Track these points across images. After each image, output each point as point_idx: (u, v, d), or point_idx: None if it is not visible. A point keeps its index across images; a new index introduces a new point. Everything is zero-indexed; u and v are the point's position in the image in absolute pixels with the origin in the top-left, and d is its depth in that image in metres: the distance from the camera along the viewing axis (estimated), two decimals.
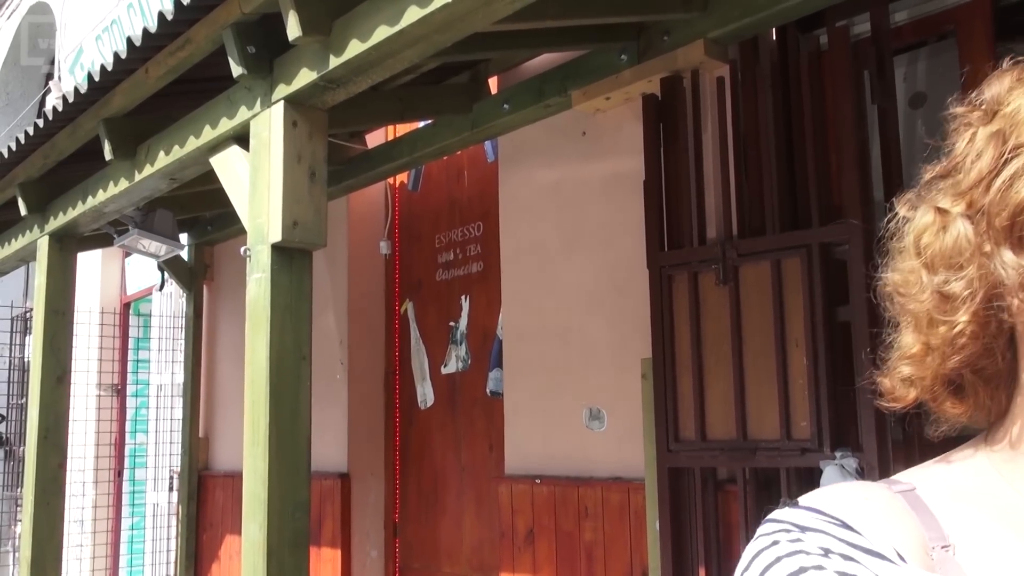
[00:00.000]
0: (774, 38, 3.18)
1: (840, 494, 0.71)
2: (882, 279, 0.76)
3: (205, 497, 6.20)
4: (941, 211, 0.70)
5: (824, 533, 0.66)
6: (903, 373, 0.74)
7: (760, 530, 0.70)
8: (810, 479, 2.86)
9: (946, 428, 0.76)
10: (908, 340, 0.73)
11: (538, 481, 3.91)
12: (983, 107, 0.71)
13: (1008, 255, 0.65)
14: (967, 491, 0.71)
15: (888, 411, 0.76)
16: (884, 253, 0.77)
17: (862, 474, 2.69)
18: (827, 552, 0.64)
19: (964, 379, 0.72)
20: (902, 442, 2.79)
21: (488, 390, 4.70)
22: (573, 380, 3.84)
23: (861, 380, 2.74)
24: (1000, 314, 0.67)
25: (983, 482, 0.71)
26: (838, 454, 2.75)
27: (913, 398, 0.74)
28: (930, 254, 0.70)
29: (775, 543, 0.67)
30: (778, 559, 0.65)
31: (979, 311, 0.67)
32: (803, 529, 0.67)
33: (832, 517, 0.67)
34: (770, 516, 0.71)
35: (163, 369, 6.76)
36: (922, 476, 0.74)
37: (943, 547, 0.66)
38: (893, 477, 0.75)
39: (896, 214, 0.75)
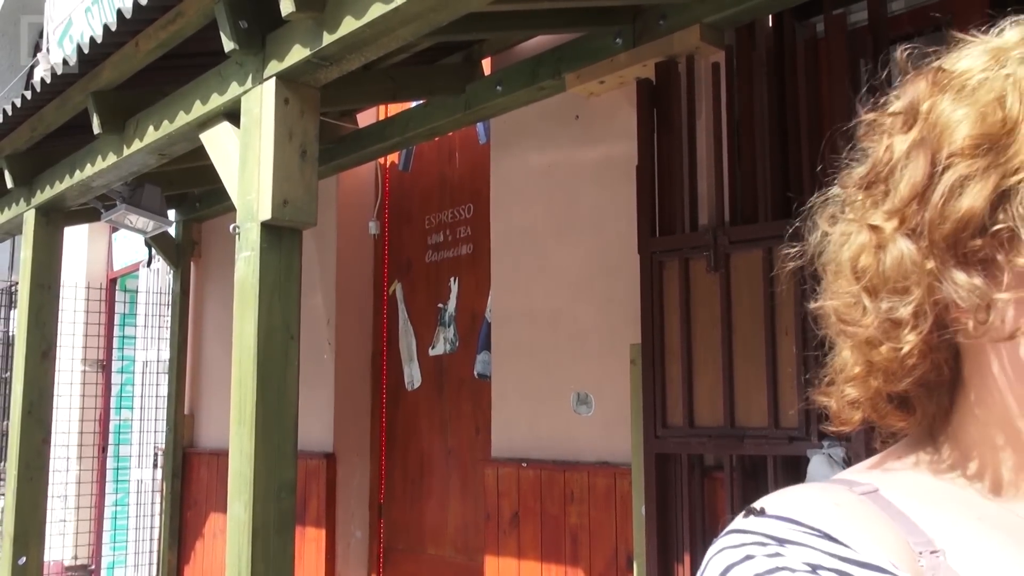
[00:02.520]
0: (770, 25, 3.16)
1: (807, 500, 0.64)
2: (818, 305, 0.71)
3: (189, 474, 6.19)
4: (875, 229, 0.65)
5: (807, 547, 0.59)
6: (849, 395, 0.69)
7: (724, 541, 0.62)
8: (797, 467, 2.87)
9: (893, 440, 0.73)
10: (849, 360, 0.69)
11: (524, 464, 3.91)
12: (900, 113, 0.66)
13: (960, 276, 0.61)
14: (935, 494, 0.66)
15: (833, 434, 0.73)
16: (810, 272, 0.72)
17: (849, 463, 2.70)
18: (815, 569, 0.57)
19: (910, 392, 0.68)
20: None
21: (476, 372, 4.69)
22: (561, 364, 3.83)
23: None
24: (953, 336, 0.64)
25: (947, 487, 0.66)
26: (825, 443, 2.76)
27: (859, 420, 0.70)
28: (870, 277, 0.65)
29: (748, 557, 0.59)
30: None
31: (928, 333, 0.63)
32: (781, 542, 0.59)
33: (810, 527, 0.60)
34: (734, 526, 0.63)
35: (149, 345, 6.73)
36: (878, 477, 0.68)
37: (932, 552, 0.60)
38: (843, 476, 0.70)
39: (818, 228, 0.71)
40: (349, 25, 2.39)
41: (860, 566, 0.58)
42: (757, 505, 0.64)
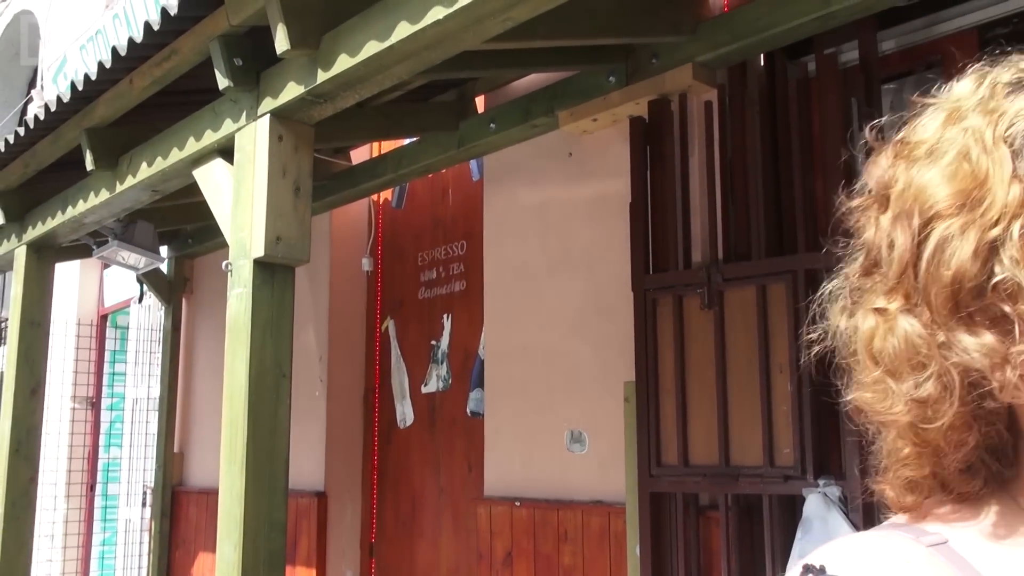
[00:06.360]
0: (762, 64, 3.19)
1: (872, 556, 0.62)
2: (850, 402, 0.70)
3: (178, 513, 6.11)
4: (880, 311, 0.64)
5: None
6: (904, 477, 0.67)
7: None
8: (792, 506, 2.84)
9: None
10: (897, 444, 0.67)
11: (518, 503, 3.87)
12: (874, 195, 0.67)
13: (966, 339, 0.59)
14: (1008, 545, 0.63)
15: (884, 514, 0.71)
16: (842, 369, 0.72)
17: (845, 503, 2.67)
18: None
19: (970, 459, 0.65)
20: None
21: (468, 410, 4.66)
22: (555, 402, 3.81)
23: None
24: (986, 399, 0.61)
25: (1020, 535, 0.64)
26: (821, 482, 2.74)
27: (912, 502, 0.68)
28: (887, 359, 0.64)
29: None
30: None
31: (964, 402, 0.61)
32: None
33: None
34: None
35: (139, 383, 6.67)
36: (948, 526, 0.66)
37: None
38: (912, 524, 0.68)
39: (837, 327, 0.71)
40: (344, 63, 2.39)
41: None
42: (816, 562, 0.62)
